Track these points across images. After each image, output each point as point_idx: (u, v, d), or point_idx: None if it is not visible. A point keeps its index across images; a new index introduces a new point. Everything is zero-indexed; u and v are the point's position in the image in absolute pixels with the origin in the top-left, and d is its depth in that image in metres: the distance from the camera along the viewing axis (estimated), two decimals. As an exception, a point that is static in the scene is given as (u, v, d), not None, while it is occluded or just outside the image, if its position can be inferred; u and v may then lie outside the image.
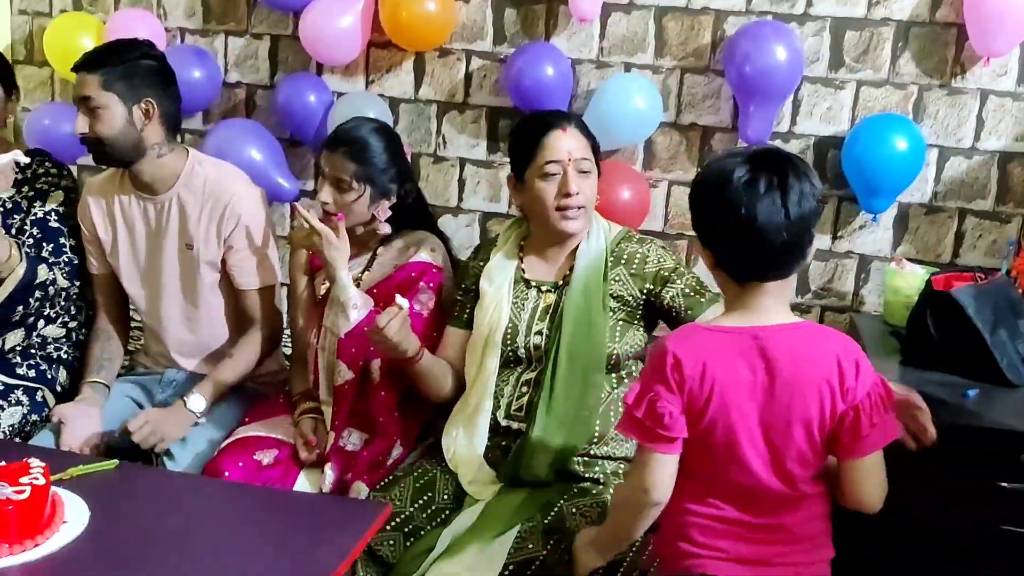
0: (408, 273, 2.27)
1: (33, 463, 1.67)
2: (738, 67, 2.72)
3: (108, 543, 1.62)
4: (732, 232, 1.54)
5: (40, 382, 2.38)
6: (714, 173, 1.57)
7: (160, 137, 2.29)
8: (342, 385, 2.17)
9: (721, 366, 1.55)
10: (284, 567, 1.58)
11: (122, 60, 2.24)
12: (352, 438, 2.15)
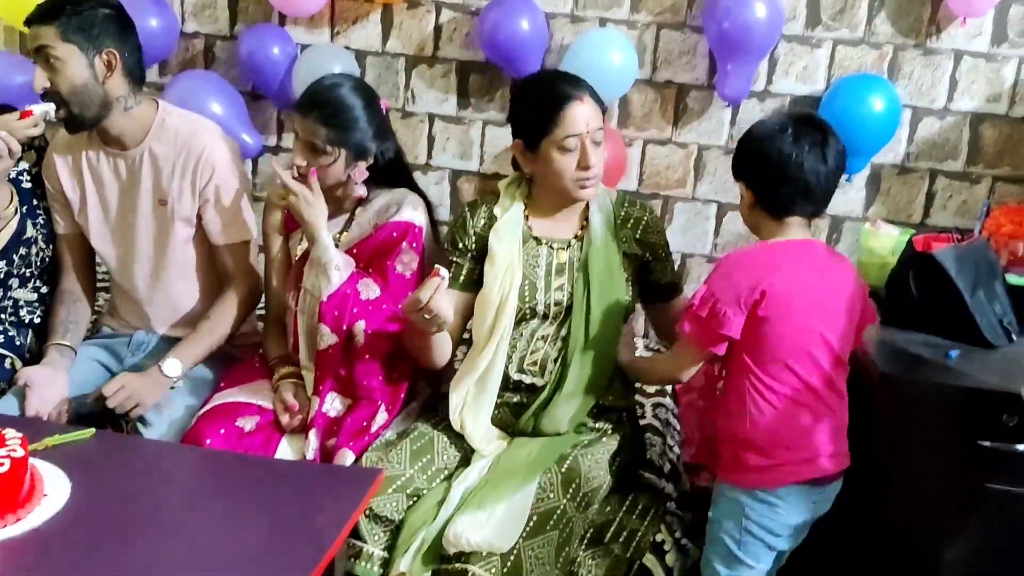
0: (389, 232, 2.19)
1: (9, 434, 1.59)
2: (718, 23, 2.69)
3: (94, 516, 1.55)
4: (784, 176, 1.83)
5: (8, 348, 2.27)
6: (768, 129, 1.87)
7: (125, 90, 2.18)
8: (325, 350, 2.10)
9: (780, 271, 1.83)
10: (280, 538, 1.54)
11: (78, 10, 2.11)
12: (335, 404, 2.10)
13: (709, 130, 2.91)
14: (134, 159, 2.22)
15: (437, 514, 1.90)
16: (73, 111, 2.12)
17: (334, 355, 2.10)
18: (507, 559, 1.78)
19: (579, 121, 2.00)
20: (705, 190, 2.96)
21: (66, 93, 2.10)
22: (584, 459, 1.98)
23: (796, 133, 1.82)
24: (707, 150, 2.93)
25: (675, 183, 2.97)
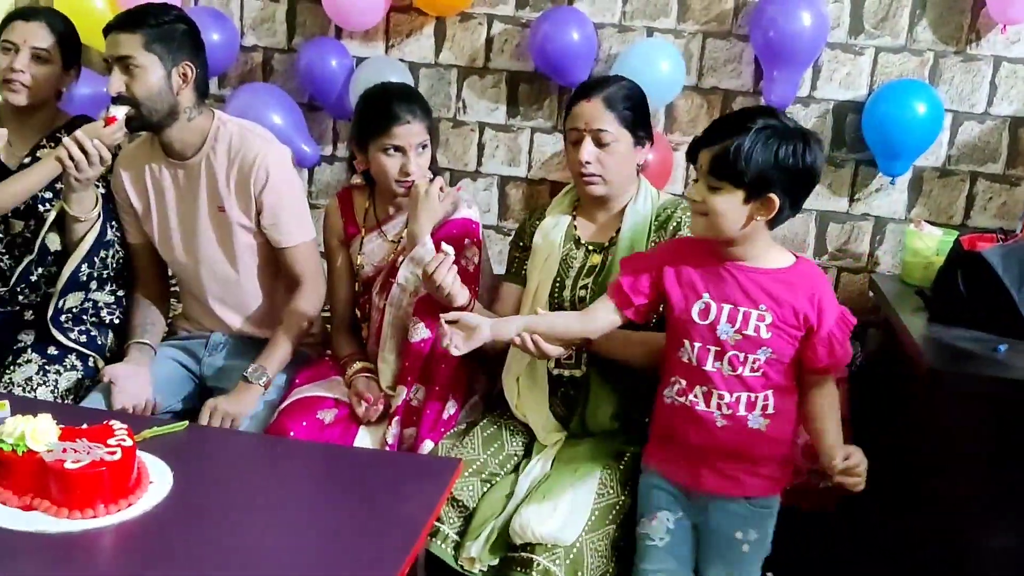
0: (451, 231, 2.31)
1: (116, 425, 1.69)
2: (764, 32, 2.77)
3: (197, 503, 1.64)
4: (813, 184, 1.80)
5: (91, 348, 2.38)
6: (808, 133, 1.76)
7: (192, 101, 2.29)
8: (417, 343, 2.20)
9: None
10: (372, 524, 1.62)
11: (160, 22, 2.22)
12: (418, 394, 2.19)
13: (754, 135, 2.99)
14: (193, 168, 2.33)
15: (506, 505, 1.99)
16: (143, 114, 2.22)
17: (424, 348, 2.20)
18: (570, 551, 1.86)
19: (579, 116, 2.14)
20: (751, 194, 3.03)
21: (141, 99, 2.20)
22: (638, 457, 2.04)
23: (820, 145, 1.80)
24: (752, 155, 3.01)
25: (721, 187, 3.05)
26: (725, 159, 1.71)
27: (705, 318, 1.81)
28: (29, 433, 1.59)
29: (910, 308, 2.57)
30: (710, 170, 1.74)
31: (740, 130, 1.71)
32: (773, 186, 1.72)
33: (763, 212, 1.73)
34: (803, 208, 2.90)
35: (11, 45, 2.33)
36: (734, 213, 1.73)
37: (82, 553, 1.51)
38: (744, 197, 1.72)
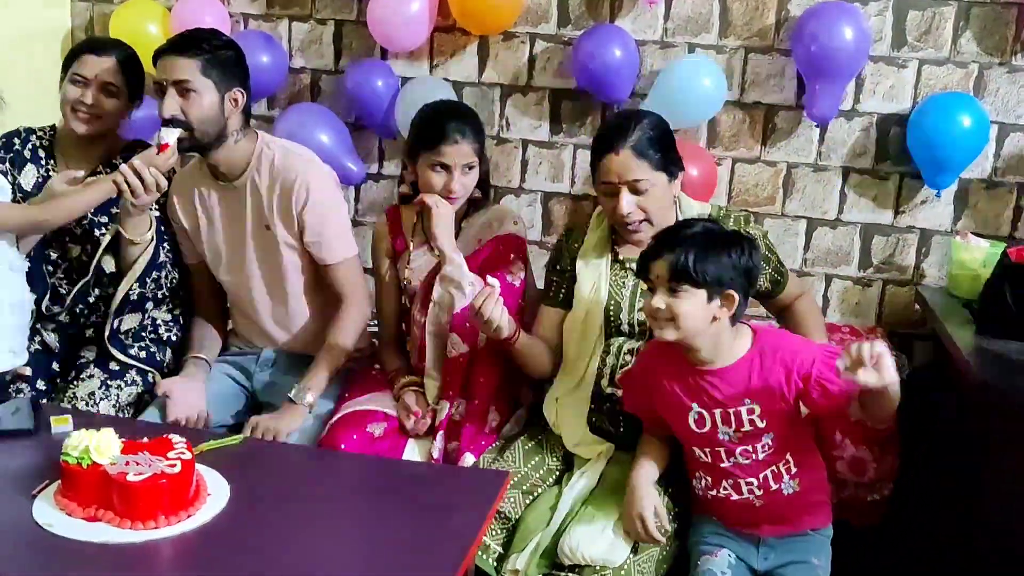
0: (497, 247, 2.36)
1: (175, 439, 1.74)
2: (806, 47, 2.78)
3: (253, 515, 1.69)
4: (756, 281, 2.00)
5: (150, 364, 2.45)
6: (744, 236, 1.95)
7: (239, 124, 2.36)
8: (456, 357, 2.24)
9: None
10: (422, 537, 1.65)
11: (214, 47, 2.29)
12: (460, 408, 2.23)
13: (798, 148, 3.00)
14: (239, 189, 2.39)
15: (551, 519, 2.01)
16: (195, 137, 2.28)
17: (463, 362, 2.24)
18: (618, 572, 1.89)
19: (611, 171, 2.16)
20: (794, 207, 3.04)
21: (194, 122, 2.26)
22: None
23: (747, 243, 1.91)
24: (796, 168, 3.02)
25: (764, 200, 3.06)
26: (685, 265, 1.83)
27: (702, 427, 1.93)
28: (93, 447, 1.65)
29: (957, 321, 2.56)
30: (670, 277, 1.85)
31: (686, 238, 1.86)
32: (730, 284, 1.85)
33: (725, 308, 1.86)
34: (846, 221, 2.95)
35: (81, 79, 2.39)
36: (699, 312, 1.85)
37: (144, 563, 1.56)
38: (707, 297, 1.84)
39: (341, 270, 2.43)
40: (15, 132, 2.47)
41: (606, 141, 2.18)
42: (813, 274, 3.07)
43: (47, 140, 2.48)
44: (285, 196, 2.36)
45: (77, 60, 2.40)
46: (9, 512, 1.65)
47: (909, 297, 3.00)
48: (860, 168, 2.98)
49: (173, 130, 2.25)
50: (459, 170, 2.30)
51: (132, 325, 2.46)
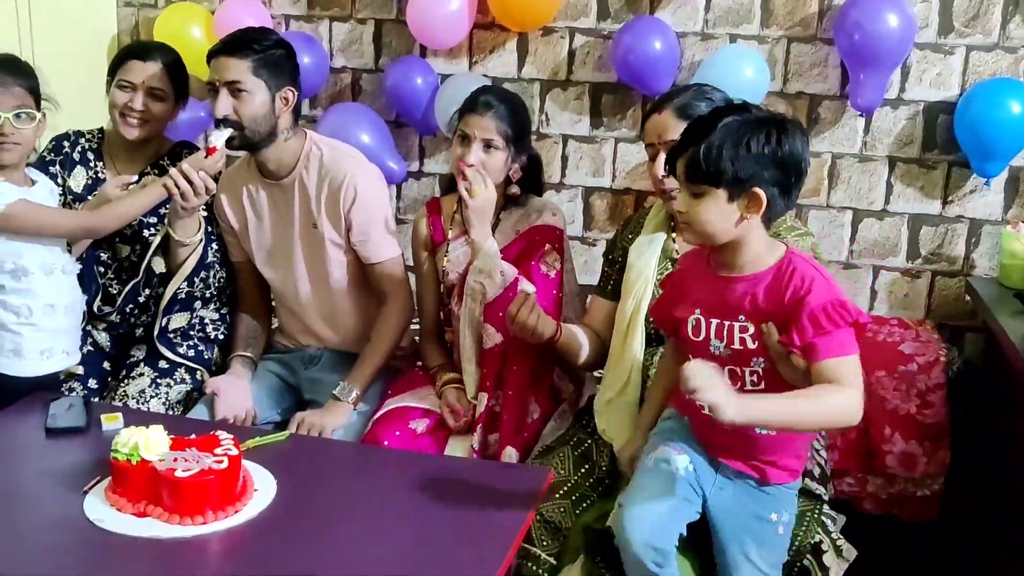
0: (532, 237, 2.35)
1: (222, 435, 1.76)
2: (849, 35, 2.74)
3: (299, 510, 1.70)
4: (802, 176, 1.67)
5: (198, 362, 2.48)
6: (783, 119, 1.65)
7: (289, 123, 2.37)
8: (491, 348, 2.24)
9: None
10: (469, 531, 1.65)
11: (265, 48, 2.31)
12: (500, 400, 2.22)
13: (842, 138, 2.96)
14: (287, 188, 2.40)
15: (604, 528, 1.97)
16: (246, 136, 2.31)
17: (498, 353, 2.23)
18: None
19: (652, 131, 2.09)
20: (840, 197, 3.00)
21: (246, 121, 2.28)
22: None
23: (802, 130, 1.67)
24: (840, 158, 2.98)
25: (809, 191, 3.01)
26: (699, 162, 1.63)
27: (698, 335, 1.74)
28: (142, 443, 1.68)
29: (1008, 311, 2.51)
30: (687, 177, 1.66)
31: (710, 130, 1.63)
32: (755, 180, 1.62)
33: (752, 209, 1.64)
34: (893, 211, 2.90)
35: (128, 84, 2.41)
36: (721, 216, 1.65)
37: (192, 558, 1.58)
38: (727, 197, 1.63)
39: (385, 269, 2.44)
40: (64, 135, 2.51)
41: (655, 102, 2.14)
42: (860, 266, 3.02)
43: (95, 143, 2.52)
44: (333, 195, 2.37)
45: (123, 66, 2.43)
46: (61, 508, 1.68)
47: (959, 288, 2.95)
48: (907, 157, 2.93)
49: (221, 133, 2.28)
50: (478, 143, 2.28)
51: (181, 324, 2.50)
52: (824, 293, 1.61)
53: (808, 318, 1.59)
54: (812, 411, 1.61)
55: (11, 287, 2.17)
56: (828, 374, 1.59)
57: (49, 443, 1.94)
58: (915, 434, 2.70)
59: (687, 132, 1.69)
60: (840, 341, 1.60)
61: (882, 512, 2.81)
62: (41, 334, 2.21)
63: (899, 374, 2.72)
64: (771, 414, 1.60)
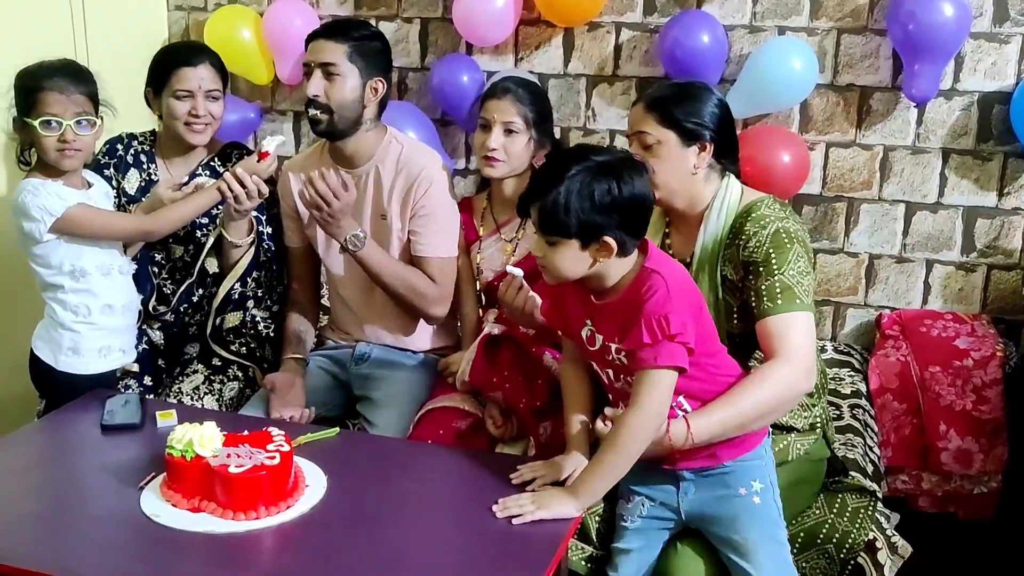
0: None
1: (274, 432, 1.78)
2: (902, 25, 2.70)
3: (350, 505, 1.72)
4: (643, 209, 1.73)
5: (251, 360, 2.52)
6: (621, 163, 1.70)
7: (373, 114, 2.41)
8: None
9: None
10: (520, 529, 1.65)
11: (363, 35, 2.37)
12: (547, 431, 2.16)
13: (895, 130, 2.91)
14: (361, 176, 2.42)
15: None
16: (333, 120, 2.34)
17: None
18: None
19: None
20: (892, 190, 2.95)
21: (335, 105, 2.33)
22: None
23: (643, 170, 1.73)
24: (893, 151, 2.93)
25: (860, 185, 2.97)
26: (548, 216, 1.69)
27: (593, 345, 1.81)
28: (196, 440, 1.70)
29: (1069, 306, 2.46)
30: (540, 228, 1.72)
31: (556, 182, 1.68)
32: (603, 229, 1.68)
33: (603, 254, 1.70)
34: (947, 204, 2.84)
35: (186, 93, 2.40)
36: (575, 262, 1.72)
37: (246, 552, 1.60)
38: (579, 245, 1.70)
39: (433, 264, 2.43)
40: (118, 138, 2.55)
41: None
42: (913, 260, 2.97)
43: (148, 145, 2.56)
44: (407, 185, 2.40)
45: (175, 76, 2.41)
46: (118, 503, 1.71)
47: (1015, 282, 2.89)
48: (961, 149, 2.87)
49: (274, 138, 2.32)
50: (498, 127, 2.29)
51: (233, 323, 2.54)
52: (656, 305, 1.68)
53: (638, 327, 1.68)
54: (624, 451, 1.71)
55: (70, 287, 2.22)
56: (638, 382, 1.70)
57: (105, 439, 1.97)
58: (971, 430, 2.65)
59: (535, 181, 1.73)
60: (651, 355, 1.68)
61: (938, 510, 2.76)
62: (99, 333, 2.26)
63: (954, 369, 2.67)
64: (598, 484, 1.73)
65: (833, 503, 2.07)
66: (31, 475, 1.86)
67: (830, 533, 2.01)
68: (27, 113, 2.14)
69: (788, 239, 1.91)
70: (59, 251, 2.19)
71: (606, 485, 1.75)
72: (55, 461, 1.93)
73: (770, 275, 1.88)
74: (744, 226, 1.94)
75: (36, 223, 2.15)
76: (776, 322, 1.85)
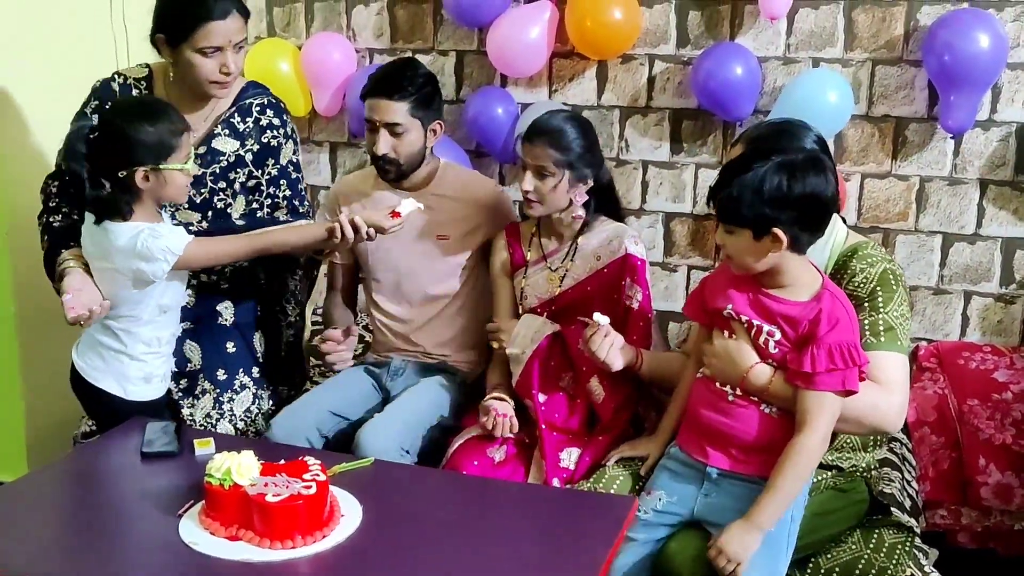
0: (618, 270, 2.34)
1: (311, 461, 1.79)
2: (938, 56, 2.69)
3: (385, 536, 1.72)
4: (829, 212, 1.81)
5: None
6: (799, 160, 1.76)
7: (431, 148, 2.52)
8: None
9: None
10: (557, 559, 1.65)
11: (420, 87, 2.42)
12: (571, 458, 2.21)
13: (931, 161, 2.90)
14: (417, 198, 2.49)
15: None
16: (402, 169, 2.46)
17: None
18: None
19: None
20: (929, 222, 2.93)
21: (404, 158, 2.44)
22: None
23: (824, 168, 1.77)
24: (929, 181, 2.91)
25: (896, 216, 2.96)
26: (725, 205, 1.79)
27: (731, 321, 1.90)
28: (234, 468, 1.72)
29: (1112, 339, 2.42)
30: (719, 216, 1.82)
31: (737, 173, 1.77)
32: (775, 222, 1.75)
33: (775, 247, 1.77)
34: (985, 235, 2.82)
35: (215, 49, 2.21)
36: (749, 252, 1.80)
37: (282, 581, 1.61)
38: (752, 236, 1.78)
39: None
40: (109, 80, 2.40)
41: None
42: (951, 291, 2.94)
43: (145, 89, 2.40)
44: (466, 211, 2.53)
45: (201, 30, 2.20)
46: (158, 530, 1.72)
47: (1058, 315, 2.86)
48: (999, 180, 2.85)
49: (411, 202, 2.28)
50: (531, 170, 2.31)
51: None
52: (842, 333, 1.77)
53: (824, 352, 1.76)
54: (799, 476, 1.79)
55: (148, 319, 2.22)
56: (808, 403, 1.78)
57: (145, 467, 1.99)
58: (1011, 465, 2.61)
59: (723, 173, 1.83)
60: (839, 379, 1.76)
61: (978, 546, 2.72)
62: (163, 360, 2.29)
63: (993, 402, 2.64)
64: (776, 509, 1.79)
65: (870, 538, 2.04)
66: (72, 502, 1.89)
67: (866, 569, 1.99)
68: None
69: (895, 281, 1.98)
70: (158, 288, 2.20)
71: (783, 510, 1.80)
72: (95, 488, 1.95)
73: (875, 311, 1.95)
74: (850, 263, 2.01)
75: (158, 263, 2.13)
76: (877, 357, 1.91)
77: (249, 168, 2.42)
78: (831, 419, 1.79)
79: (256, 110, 2.44)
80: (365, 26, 3.41)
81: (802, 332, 1.80)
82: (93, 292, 2.16)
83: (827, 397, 1.77)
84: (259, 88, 2.49)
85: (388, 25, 3.38)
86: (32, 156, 2.87)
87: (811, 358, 1.77)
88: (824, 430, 1.79)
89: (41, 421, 2.95)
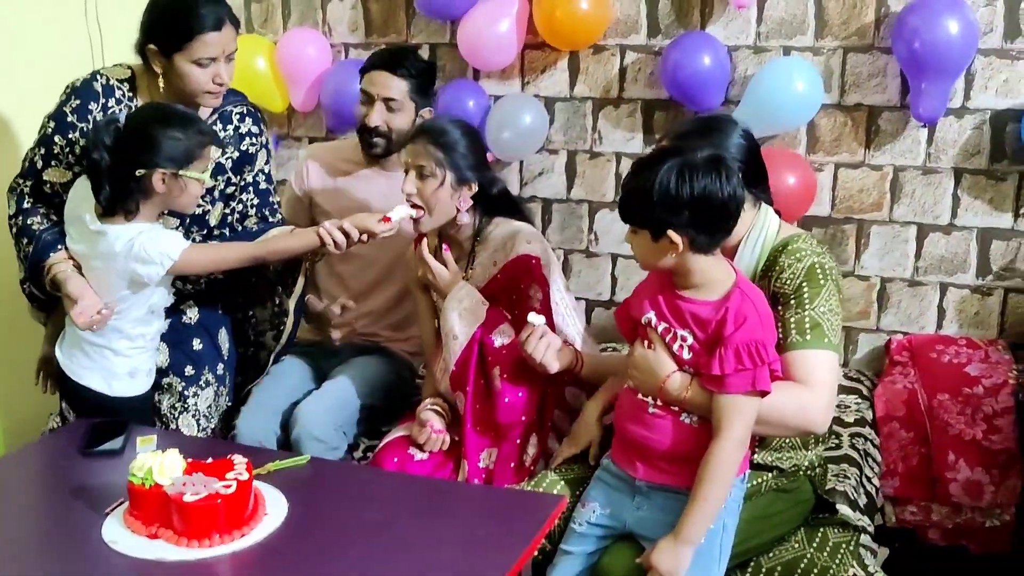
0: (512, 272, 2.25)
1: (236, 459, 1.79)
2: (908, 44, 2.63)
3: (306, 534, 1.72)
4: (729, 214, 1.75)
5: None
6: (690, 161, 1.72)
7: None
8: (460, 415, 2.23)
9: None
10: (471, 558, 1.64)
11: (421, 71, 2.61)
12: (491, 456, 2.18)
13: (905, 150, 2.84)
14: (391, 176, 2.65)
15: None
16: (389, 146, 2.63)
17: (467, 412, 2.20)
18: None
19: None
20: (903, 212, 2.87)
21: (394, 134, 2.61)
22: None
23: (719, 169, 1.72)
24: (903, 171, 2.85)
25: (870, 206, 2.90)
26: (622, 206, 1.80)
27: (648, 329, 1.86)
28: (156, 467, 1.72)
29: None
30: (621, 215, 1.81)
31: (635, 176, 1.76)
32: (669, 224, 1.72)
33: (671, 249, 1.74)
34: (961, 226, 2.75)
35: (210, 60, 2.23)
36: (650, 252, 1.78)
37: (197, 580, 1.61)
38: (651, 237, 1.75)
39: None
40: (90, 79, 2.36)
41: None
42: (926, 283, 2.88)
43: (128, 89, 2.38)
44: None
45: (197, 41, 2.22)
46: (81, 529, 1.73)
47: (1034, 306, 2.79)
48: (974, 169, 2.78)
49: (405, 208, 2.24)
50: (413, 170, 2.22)
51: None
52: (749, 332, 1.72)
53: (732, 352, 1.72)
54: (720, 483, 1.74)
55: (137, 318, 2.23)
56: (722, 408, 1.74)
57: (84, 465, 2.00)
58: (981, 461, 2.55)
59: (630, 174, 1.80)
60: (748, 379, 1.72)
61: (949, 543, 2.67)
62: (149, 354, 2.31)
63: (963, 397, 2.58)
64: (703, 520, 1.75)
65: (814, 537, 2.01)
66: (5, 500, 1.90)
67: (808, 568, 1.95)
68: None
69: (823, 275, 1.91)
70: (148, 289, 2.21)
71: (711, 519, 1.77)
72: (31, 486, 1.98)
73: (800, 308, 1.89)
74: (779, 259, 1.94)
75: (154, 267, 2.14)
76: (803, 356, 1.86)
77: (228, 175, 2.44)
78: (747, 422, 1.75)
79: (236, 118, 2.45)
80: (340, 20, 3.41)
81: (711, 333, 1.76)
82: (94, 295, 2.19)
83: (740, 399, 1.73)
84: (238, 96, 2.50)
85: (362, 19, 3.38)
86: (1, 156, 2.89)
87: (719, 360, 1.73)
88: (739, 434, 1.74)
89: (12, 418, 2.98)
